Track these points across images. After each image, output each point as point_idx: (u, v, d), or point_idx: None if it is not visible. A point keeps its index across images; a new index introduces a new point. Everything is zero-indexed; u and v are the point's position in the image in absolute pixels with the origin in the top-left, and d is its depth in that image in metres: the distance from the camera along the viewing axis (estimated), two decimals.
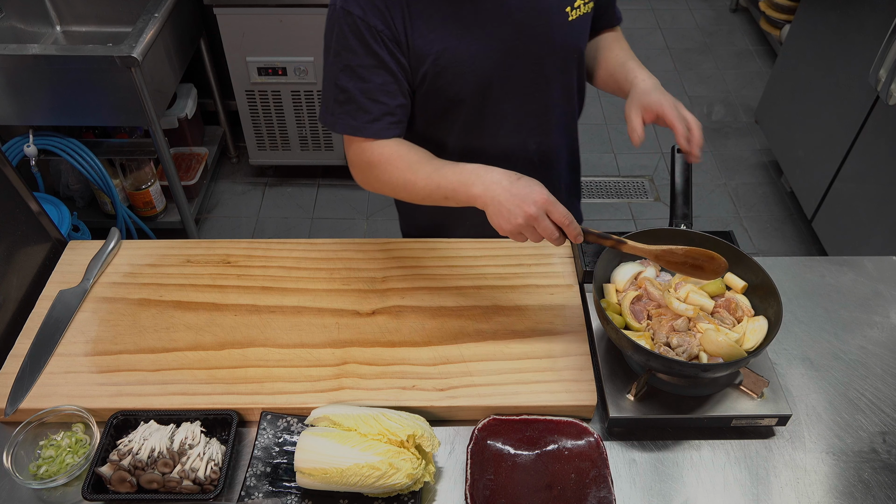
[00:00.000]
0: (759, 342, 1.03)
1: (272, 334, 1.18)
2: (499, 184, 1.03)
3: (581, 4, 1.18)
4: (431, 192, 1.11)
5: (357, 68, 1.12)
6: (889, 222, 2.24)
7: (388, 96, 1.14)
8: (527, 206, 0.99)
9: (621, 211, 2.99)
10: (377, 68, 1.12)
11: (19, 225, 1.26)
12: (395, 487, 0.95)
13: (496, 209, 1.02)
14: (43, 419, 1.05)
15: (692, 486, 1.02)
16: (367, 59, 1.11)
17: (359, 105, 1.14)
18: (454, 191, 1.08)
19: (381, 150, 1.16)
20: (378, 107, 1.14)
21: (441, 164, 1.11)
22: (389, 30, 1.09)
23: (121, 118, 2.34)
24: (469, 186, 1.05)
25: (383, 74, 1.12)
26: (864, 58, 2.33)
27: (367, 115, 1.14)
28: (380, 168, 1.16)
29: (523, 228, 1.01)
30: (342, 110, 1.15)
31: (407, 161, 1.14)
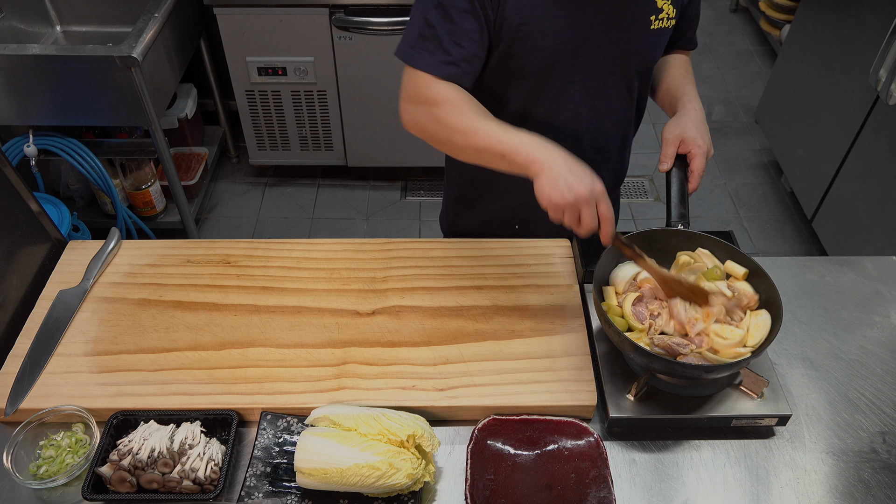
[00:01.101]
0: (763, 337, 1.02)
1: (272, 334, 1.18)
2: (562, 157, 1.03)
3: (665, 17, 1.19)
4: (491, 145, 1.09)
5: (449, 8, 1.12)
6: (889, 222, 2.24)
7: (471, 43, 1.14)
8: (582, 186, 1.00)
9: (621, 211, 2.98)
10: (468, 13, 1.12)
11: (19, 225, 1.26)
12: (395, 487, 0.95)
13: (551, 179, 1.02)
14: (43, 419, 1.05)
15: (692, 486, 1.02)
16: (461, 1, 1.11)
17: (440, 43, 1.13)
18: (514, 149, 1.06)
19: (448, 91, 1.14)
20: (458, 50, 1.14)
21: (504, 124, 1.11)
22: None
23: (121, 118, 2.34)
24: (532, 149, 1.05)
25: (472, 21, 1.13)
26: (864, 58, 2.33)
27: (447, 55, 1.14)
28: (441, 108, 1.14)
29: (569, 206, 1.01)
30: (423, 45, 1.15)
31: (473, 109, 1.13)
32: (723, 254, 1.16)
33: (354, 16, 2.50)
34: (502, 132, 1.08)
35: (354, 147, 2.92)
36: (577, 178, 1.00)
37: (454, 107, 1.12)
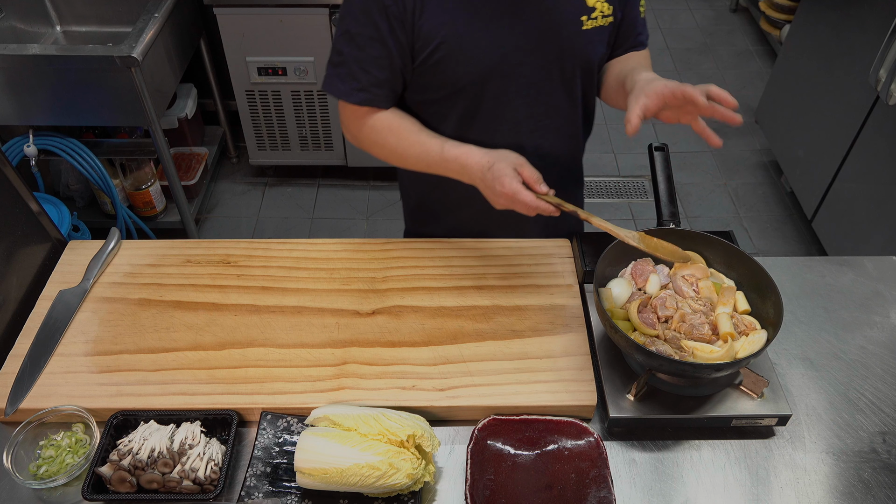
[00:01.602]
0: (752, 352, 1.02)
1: (272, 334, 1.18)
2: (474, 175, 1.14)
3: (599, 16, 1.17)
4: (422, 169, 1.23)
5: (356, 36, 1.14)
6: (889, 222, 2.24)
7: (380, 69, 1.16)
8: (497, 198, 1.12)
9: (621, 211, 2.99)
10: (374, 40, 1.13)
11: (19, 225, 1.26)
12: (395, 487, 0.95)
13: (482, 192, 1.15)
14: (43, 419, 1.05)
15: (692, 486, 1.02)
16: (366, 29, 1.13)
17: (349, 71, 1.17)
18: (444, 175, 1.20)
19: (372, 122, 1.22)
20: (367, 77, 1.17)
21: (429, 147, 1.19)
22: (397, 6, 1.10)
23: (121, 118, 2.34)
24: (457, 175, 1.18)
25: (378, 48, 1.14)
26: (864, 58, 2.33)
27: (356, 82, 1.17)
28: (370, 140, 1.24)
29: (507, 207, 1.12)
30: (334, 72, 1.19)
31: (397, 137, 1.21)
32: (722, 254, 1.16)
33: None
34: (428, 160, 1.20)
35: (354, 147, 2.91)
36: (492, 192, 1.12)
37: (380, 136, 1.22)
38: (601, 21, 1.18)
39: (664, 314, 1.08)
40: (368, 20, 1.12)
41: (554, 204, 1.09)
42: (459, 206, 1.38)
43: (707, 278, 1.13)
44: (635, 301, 1.10)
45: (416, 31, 1.12)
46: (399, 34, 1.12)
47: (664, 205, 1.20)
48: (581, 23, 1.16)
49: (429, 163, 1.19)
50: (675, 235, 1.17)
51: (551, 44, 1.17)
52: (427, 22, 1.11)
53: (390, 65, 1.16)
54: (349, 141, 1.29)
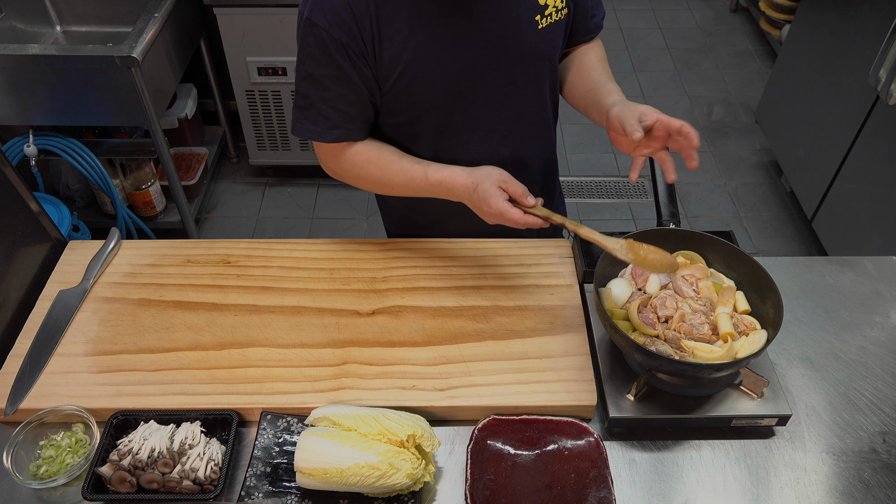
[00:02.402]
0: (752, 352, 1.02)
1: (272, 334, 1.18)
2: (462, 195, 1.15)
3: (552, 12, 1.17)
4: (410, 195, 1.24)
5: (319, 77, 1.13)
6: (889, 222, 2.24)
7: (348, 105, 1.16)
8: (486, 217, 1.12)
9: (621, 211, 2.99)
10: (338, 79, 1.13)
11: (19, 225, 1.26)
12: (395, 487, 0.95)
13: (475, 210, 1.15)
14: (43, 419, 1.05)
15: (692, 486, 1.02)
16: (329, 69, 1.12)
17: (319, 111, 1.17)
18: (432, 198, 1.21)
19: (349, 156, 1.22)
20: (337, 114, 1.16)
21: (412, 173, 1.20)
22: (355, 42, 1.09)
23: (121, 118, 2.34)
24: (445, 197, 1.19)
25: (344, 85, 1.13)
26: (864, 58, 2.33)
27: (328, 121, 1.17)
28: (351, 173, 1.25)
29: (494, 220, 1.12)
30: (303, 115, 1.18)
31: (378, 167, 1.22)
32: (722, 254, 1.16)
33: None
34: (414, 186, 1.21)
35: None
36: (480, 212, 1.13)
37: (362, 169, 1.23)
38: (556, 16, 1.18)
39: (664, 314, 1.08)
40: (329, 60, 1.11)
41: (542, 216, 1.09)
42: (444, 219, 1.39)
43: (707, 278, 1.13)
44: (635, 301, 1.10)
45: (379, 60, 1.12)
46: (362, 68, 1.12)
47: (664, 205, 1.20)
48: (536, 22, 1.16)
49: (415, 188, 1.20)
50: (674, 235, 1.17)
51: (511, 49, 1.16)
52: (387, 50, 1.11)
53: (358, 99, 1.16)
54: (331, 176, 1.30)
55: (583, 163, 3.21)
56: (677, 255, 1.17)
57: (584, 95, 1.25)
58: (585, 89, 1.25)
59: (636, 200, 3.04)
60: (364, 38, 1.09)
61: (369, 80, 1.14)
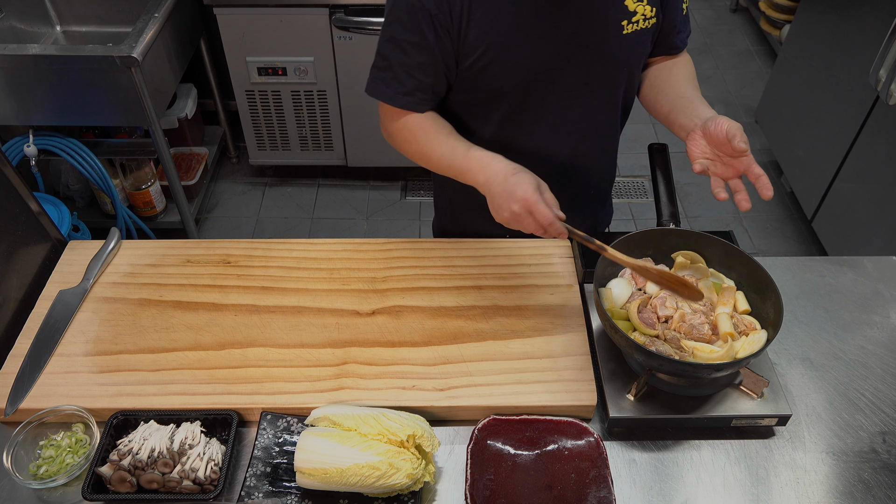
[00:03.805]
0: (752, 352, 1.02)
1: (272, 334, 1.18)
2: (496, 176, 1.09)
3: (640, 19, 1.17)
4: (444, 169, 1.19)
5: (402, 42, 1.14)
6: (889, 222, 2.24)
7: (424, 75, 1.17)
8: (512, 203, 1.05)
9: (621, 211, 2.98)
10: (420, 47, 1.14)
11: (19, 225, 1.26)
12: (395, 487, 0.95)
13: (490, 200, 1.10)
14: (43, 419, 1.05)
15: (692, 486, 1.02)
16: (413, 36, 1.13)
17: (395, 75, 1.17)
18: (462, 174, 1.16)
19: (406, 120, 1.21)
20: (412, 81, 1.17)
21: (455, 146, 1.17)
22: (443, 14, 1.10)
23: (121, 118, 2.34)
24: (473, 174, 1.13)
25: (425, 54, 1.14)
26: (864, 58, 2.33)
27: (401, 86, 1.18)
28: (401, 137, 1.23)
29: (510, 221, 1.07)
30: (379, 76, 1.20)
31: (426, 134, 1.20)
32: (722, 254, 1.16)
33: (354, 16, 2.50)
34: (451, 157, 1.17)
35: (354, 147, 2.92)
36: (507, 196, 1.06)
37: (412, 134, 1.21)
38: (643, 24, 1.18)
39: (664, 314, 1.08)
40: (415, 27, 1.12)
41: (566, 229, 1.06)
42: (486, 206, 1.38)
43: (707, 278, 1.13)
44: (635, 301, 1.10)
45: (462, 38, 1.13)
46: (445, 42, 1.13)
47: (664, 205, 1.20)
48: (622, 27, 1.16)
49: (450, 162, 1.17)
50: (674, 235, 1.17)
51: (592, 50, 1.17)
52: (473, 30, 1.12)
53: (435, 71, 1.16)
54: (384, 137, 1.29)
55: None
56: (677, 254, 1.17)
57: (673, 101, 1.23)
58: (676, 95, 1.23)
59: (636, 200, 3.04)
60: (453, 12, 1.10)
61: (449, 55, 1.15)
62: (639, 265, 1.07)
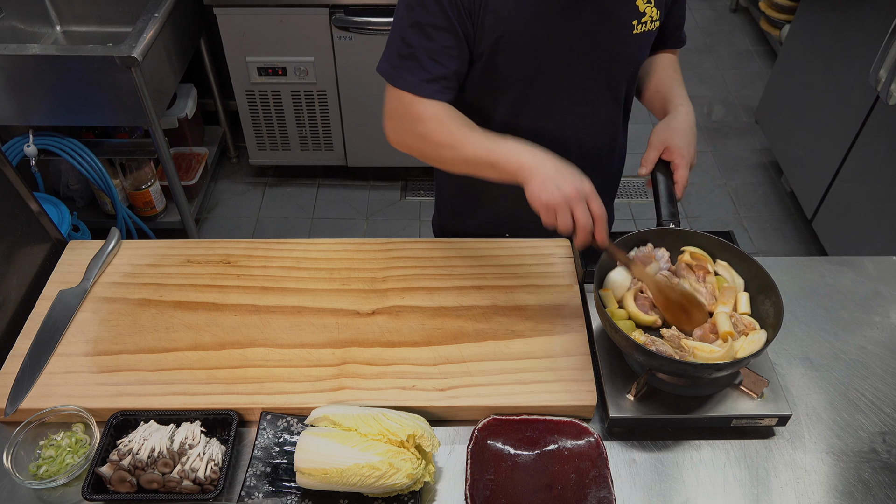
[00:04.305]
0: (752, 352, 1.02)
1: (272, 334, 1.18)
2: (550, 159, 1.06)
3: (648, 21, 1.19)
4: (479, 155, 1.11)
5: (426, 27, 1.13)
6: (889, 222, 2.24)
7: (450, 60, 1.15)
8: (570, 185, 1.02)
9: (621, 211, 2.99)
10: (445, 31, 1.13)
11: (19, 225, 1.26)
12: (395, 487, 0.95)
13: (540, 181, 1.04)
14: (43, 419, 1.05)
15: (692, 486, 1.02)
16: (438, 19, 1.12)
17: (419, 62, 1.15)
18: (503, 157, 1.09)
19: (431, 108, 1.16)
20: (438, 68, 1.15)
21: (491, 133, 1.14)
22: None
23: (121, 118, 2.34)
24: (520, 155, 1.07)
25: (449, 38, 1.13)
26: (864, 58, 2.33)
27: (426, 73, 1.15)
28: (426, 124, 1.15)
29: (560, 206, 1.02)
30: (402, 64, 1.16)
31: (457, 122, 1.15)
32: (722, 253, 1.16)
33: (354, 16, 2.50)
34: (489, 142, 1.11)
35: (354, 147, 2.92)
36: (565, 179, 1.03)
37: (439, 122, 1.15)
38: (650, 26, 1.20)
39: None
40: (440, 10, 1.11)
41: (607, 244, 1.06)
42: (492, 203, 1.39)
43: (711, 274, 1.14)
44: (631, 290, 1.11)
45: (480, 23, 1.12)
46: (467, 24, 1.13)
47: (664, 205, 1.20)
48: (632, 27, 1.18)
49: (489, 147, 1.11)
50: (675, 235, 1.17)
51: (603, 47, 1.18)
52: (490, 15, 1.12)
53: (460, 55, 1.15)
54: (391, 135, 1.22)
55: None
56: (685, 251, 1.17)
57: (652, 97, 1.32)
58: (654, 91, 1.31)
59: (636, 200, 3.04)
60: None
61: (470, 39, 1.15)
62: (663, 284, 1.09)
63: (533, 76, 1.19)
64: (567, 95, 1.23)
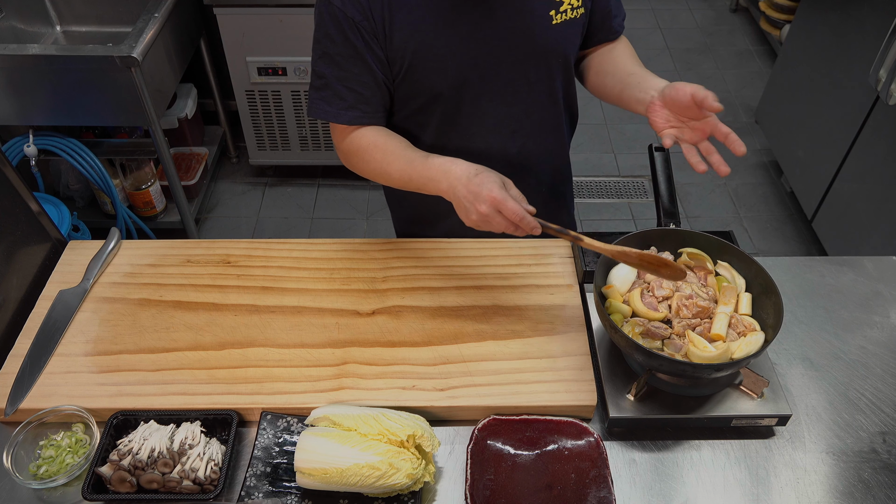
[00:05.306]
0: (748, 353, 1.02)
1: (272, 334, 1.18)
2: (459, 180, 1.07)
3: (567, 9, 1.17)
4: (405, 183, 1.17)
5: (334, 56, 1.14)
6: (889, 222, 2.24)
7: (363, 86, 1.16)
8: (479, 203, 1.03)
9: (621, 211, 2.99)
10: (353, 58, 1.14)
11: (19, 225, 1.26)
12: (395, 487, 0.95)
13: (457, 205, 1.08)
14: (43, 419, 1.05)
15: (692, 486, 1.02)
16: (344, 48, 1.13)
17: (334, 91, 1.17)
18: (424, 185, 1.13)
19: (359, 139, 1.20)
20: (353, 95, 1.17)
21: (413, 157, 1.15)
22: (368, 21, 1.10)
23: (121, 118, 2.34)
24: (436, 182, 1.11)
25: (359, 65, 1.14)
26: (864, 58, 2.33)
27: (343, 101, 1.17)
28: (357, 157, 1.21)
29: (480, 223, 1.05)
30: (318, 95, 1.19)
31: (382, 152, 1.18)
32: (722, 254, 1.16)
33: None
34: (411, 169, 1.14)
35: None
36: (473, 198, 1.04)
37: (367, 153, 1.19)
38: (571, 14, 1.18)
39: (661, 294, 1.09)
40: (344, 39, 1.12)
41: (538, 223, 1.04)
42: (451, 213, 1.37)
43: (711, 274, 1.14)
44: (636, 289, 1.11)
45: (389, 43, 1.13)
46: (375, 49, 1.13)
47: (664, 205, 1.20)
48: (550, 18, 1.16)
49: (410, 175, 1.15)
50: (675, 236, 1.17)
51: (523, 42, 1.17)
52: (398, 33, 1.12)
53: (373, 81, 1.16)
54: (342, 161, 1.27)
55: (583, 163, 3.21)
56: (683, 252, 1.17)
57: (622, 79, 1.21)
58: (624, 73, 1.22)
59: (636, 200, 3.04)
60: (375, 17, 1.10)
61: (382, 63, 1.15)
62: (616, 250, 1.05)
63: (458, 84, 1.18)
64: (497, 97, 1.21)
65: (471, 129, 1.24)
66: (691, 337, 1.03)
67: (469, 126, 1.24)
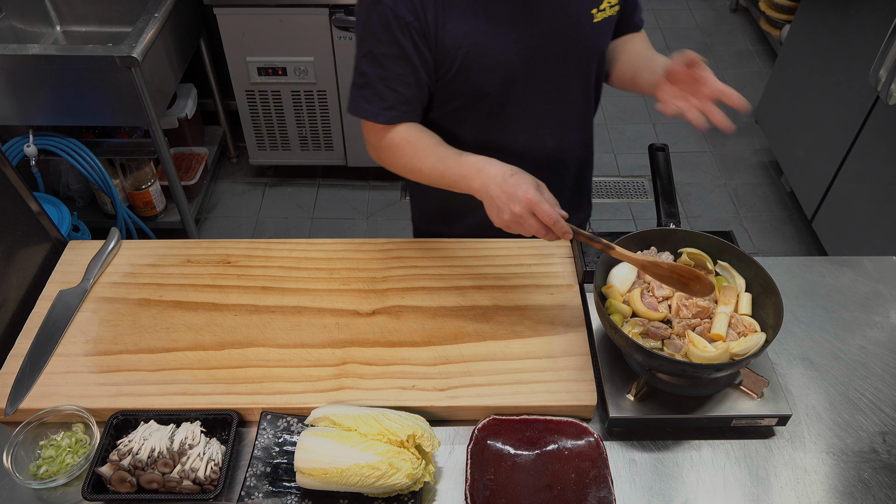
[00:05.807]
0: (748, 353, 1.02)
1: (272, 334, 1.18)
2: (493, 179, 1.07)
3: (607, 7, 1.19)
4: (436, 180, 1.17)
5: (379, 56, 1.14)
6: (889, 222, 2.24)
7: (405, 87, 1.16)
8: (513, 204, 1.03)
9: (621, 211, 2.99)
10: (398, 59, 1.13)
11: (19, 225, 1.26)
12: (395, 487, 0.95)
13: (489, 204, 1.07)
14: (43, 419, 1.05)
15: (692, 486, 1.02)
16: (390, 48, 1.12)
17: (375, 91, 1.17)
18: (456, 182, 1.13)
19: (391, 136, 1.20)
20: (394, 95, 1.16)
21: (446, 154, 1.15)
22: (418, 21, 1.10)
23: (121, 118, 2.34)
24: (469, 180, 1.10)
25: (403, 65, 1.14)
26: (864, 58, 2.33)
27: (383, 101, 1.17)
28: (389, 152, 1.22)
29: (511, 224, 1.05)
30: (359, 94, 1.19)
31: (415, 147, 1.18)
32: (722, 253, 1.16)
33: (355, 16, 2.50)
34: (443, 167, 1.14)
35: (354, 147, 2.92)
36: (507, 198, 1.03)
37: (399, 149, 1.19)
38: (609, 11, 1.20)
39: (661, 294, 1.09)
40: (391, 39, 1.11)
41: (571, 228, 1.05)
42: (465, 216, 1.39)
43: (712, 274, 1.14)
44: (636, 290, 1.11)
45: (440, 44, 1.13)
46: (423, 50, 1.13)
47: (664, 205, 1.20)
48: (592, 16, 1.18)
49: (443, 171, 1.15)
50: (675, 236, 1.17)
51: (567, 40, 1.18)
52: (449, 33, 1.12)
53: (416, 81, 1.16)
54: (371, 156, 1.28)
55: None
56: (683, 252, 1.17)
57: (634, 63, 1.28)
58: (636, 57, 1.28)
59: (636, 200, 3.04)
60: (428, 17, 1.10)
61: (428, 64, 1.15)
62: (648, 261, 1.06)
63: (507, 83, 1.19)
64: (541, 94, 1.23)
65: (514, 125, 1.26)
66: (691, 337, 1.03)
67: (513, 122, 1.25)
